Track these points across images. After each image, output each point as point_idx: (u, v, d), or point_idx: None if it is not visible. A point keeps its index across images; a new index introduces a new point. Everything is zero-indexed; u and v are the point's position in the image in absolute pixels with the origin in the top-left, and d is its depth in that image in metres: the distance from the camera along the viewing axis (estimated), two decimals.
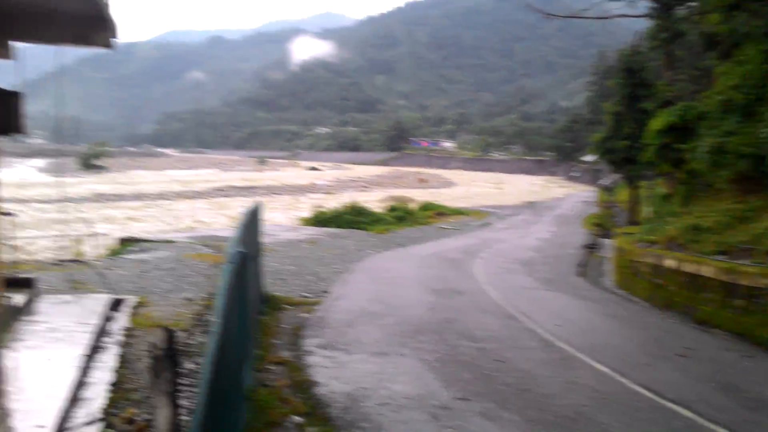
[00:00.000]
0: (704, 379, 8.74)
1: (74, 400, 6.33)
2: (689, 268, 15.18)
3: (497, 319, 12.13)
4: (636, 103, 38.45)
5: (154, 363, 2.86)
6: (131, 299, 11.63)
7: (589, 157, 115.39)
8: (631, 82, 38.24)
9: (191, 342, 8.97)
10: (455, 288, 15.90)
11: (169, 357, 2.88)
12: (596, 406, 7.28)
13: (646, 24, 46.94)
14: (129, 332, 9.21)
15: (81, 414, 6.04)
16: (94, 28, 9.74)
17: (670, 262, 16.22)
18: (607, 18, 43.09)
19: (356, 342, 9.69)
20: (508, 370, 8.59)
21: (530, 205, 61.99)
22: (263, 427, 6.22)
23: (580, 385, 8.05)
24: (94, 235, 21.65)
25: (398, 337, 10.16)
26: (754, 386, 8.54)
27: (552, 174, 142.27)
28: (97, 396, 6.47)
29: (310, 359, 8.73)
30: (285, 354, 9.01)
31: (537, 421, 6.77)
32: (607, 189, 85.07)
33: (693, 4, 36.05)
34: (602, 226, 41.64)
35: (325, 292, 14.60)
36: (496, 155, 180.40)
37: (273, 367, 8.35)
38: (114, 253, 20.77)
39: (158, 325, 9.47)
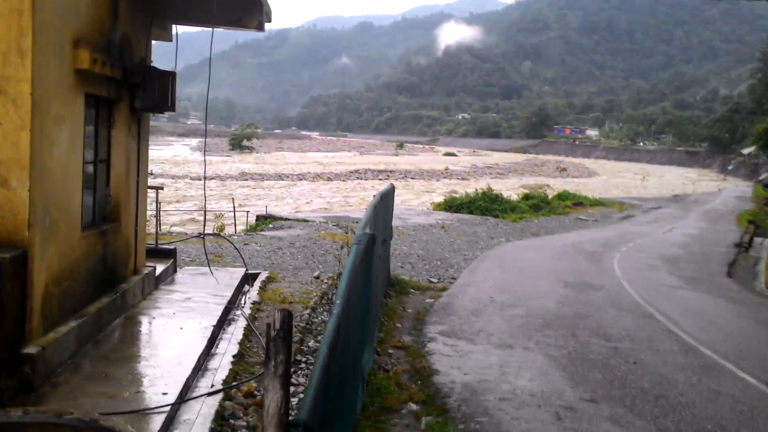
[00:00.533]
0: None
1: (199, 369, 6.56)
2: None
3: (634, 318, 11.40)
4: None
5: (268, 344, 2.80)
6: (263, 274, 12.01)
7: (747, 150, 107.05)
8: None
9: (315, 320, 9.11)
10: (590, 282, 15.16)
11: (284, 339, 2.81)
12: (740, 420, 6.60)
13: None
14: (258, 306, 9.48)
15: (204, 384, 6.24)
16: (248, 11, 10.12)
17: None
18: None
19: (481, 332, 9.43)
20: (644, 373, 8.00)
21: (678, 199, 58.45)
22: (379, 412, 6.14)
23: (723, 396, 7.35)
24: (235, 211, 22.72)
25: (525, 329, 9.79)
26: None
27: (705, 166, 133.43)
28: (222, 367, 6.68)
29: (432, 346, 8.58)
30: (407, 339, 8.93)
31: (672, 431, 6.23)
32: (766, 185, 78.61)
33: None
34: (757, 224, 38.46)
35: (453, 278, 14.42)
36: (644, 145, 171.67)
37: (393, 351, 8.30)
38: (251, 229, 21.69)
39: (284, 302, 9.73)
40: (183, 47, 10.70)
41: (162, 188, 13.17)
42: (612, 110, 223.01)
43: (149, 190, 10.67)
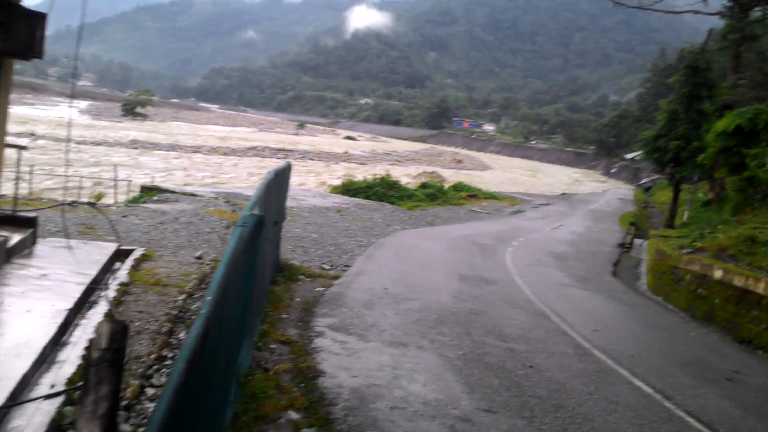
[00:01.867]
0: (759, 413, 7.67)
1: (43, 362, 5.52)
2: (739, 281, 13.97)
3: (529, 316, 11.12)
4: (695, 103, 36.66)
5: (87, 370, 1.94)
6: (138, 251, 10.85)
7: (630, 155, 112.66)
8: (694, 81, 36.34)
9: (191, 307, 8.17)
10: (485, 276, 14.89)
11: (112, 363, 1.96)
12: None
13: (715, 23, 45.00)
14: (126, 288, 8.41)
15: (47, 381, 5.22)
16: None
17: (718, 273, 15.00)
18: (677, 13, 41.26)
19: (373, 327, 8.77)
20: (541, 379, 7.60)
21: (566, 197, 60.51)
22: (252, 422, 5.32)
23: (621, 407, 7.05)
24: (116, 180, 21.02)
25: (420, 326, 9.23)
26: None
27: (591, 168, 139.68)
28: (70, 361, 5.65)
29: (320, 342, 7.82)
30: (292, 332, 8.13)
31: None
32: (646, 188, 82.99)
33: None
34: (637, 226, 40.18)
35: (347, 265, 13.71)
36: (536, 143, 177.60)
37: (277, 347, 7.48)
38: (133, 200, 20.13)
39: (158, 283, 8.69)
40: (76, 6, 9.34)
41: (26, 148, 11.64)
42: (509, 107, 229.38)
43: (10, 149, 9.32)
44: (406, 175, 56.03)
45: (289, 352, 7.36)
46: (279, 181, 9.83)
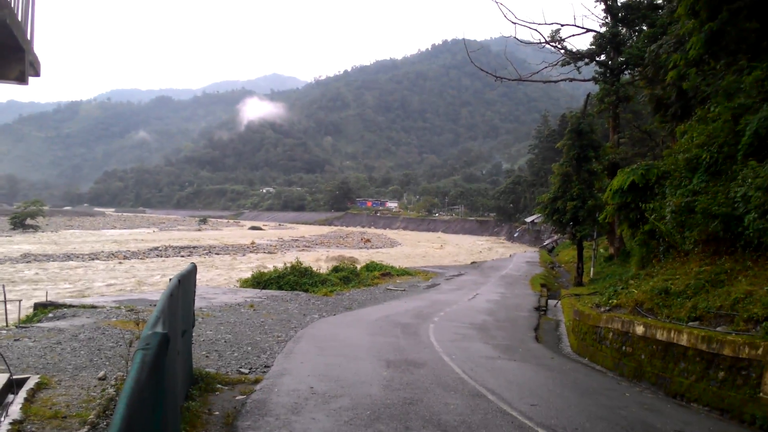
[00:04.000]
0: None
1: None
2: (662, 335, 14.07)
3: (464, 399, 10.62)
4: (584, 164, 38.41)
5: None
6: (32, 380, 9.70)
7: (530, 218, 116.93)
8: (580, 144, 38.25)
9: None
10: (412, 359, 14.35)
11: None
12: None
13: (590, 87, 47.89)
14: (19, 427, 7.34)
15: None
16: (8, 58, 8.22)
17: (640, 329, 15.10)
18: (554, 81, 43.63)
19: None
20: None
21: (476, 266, 61.37)
22: None
23: None
24: (4, 300, 19.33)
25: (353, 426, 8.51)
26: None
27: (494, 234, 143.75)
28: None
29: None
30: None
31: None
32: (549, 249, 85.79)
33: (638, 69, 36.67)
34: (548, 288, 40.99)
35: (267, 366, 12.82)
36: (439, 215, 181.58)
37: None
38: (26, 320, 18.49)
39: (57, 416, 7.68)
40: None
41: None
42: (409, 183, 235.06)
43: None
44: (316, 260, 55.34)
45: None
46: (184, 287, 9.08)
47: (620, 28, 42.50)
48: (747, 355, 11.30)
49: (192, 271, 10.64)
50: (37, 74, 8.22)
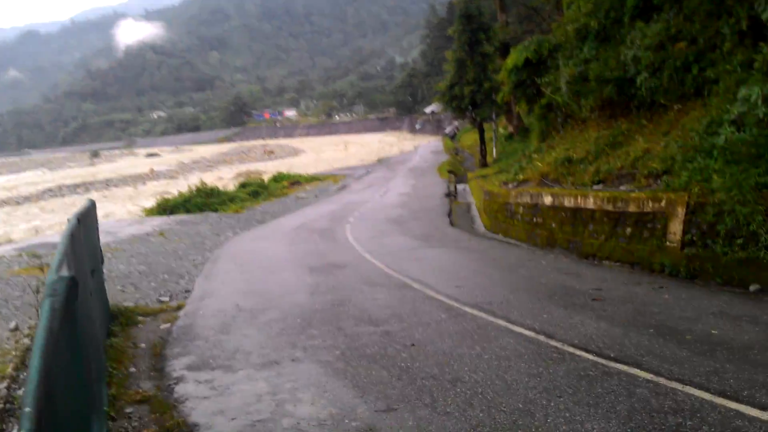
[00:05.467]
0: (637, 326, 7.80)
1: None
2: (569, 202, 14.58)
3: (391, 292, 10.73)
4: (477, 48, 38.40)
5: None
6: None
7: (429, 108, 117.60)
8: (470, 28, 38.07)
9: (19, 392, 6.80)
10: (334, 261, 14.35)
11: None
12: (547, 389, 6.02)
13: None
14: None
15: None
16: None
17: (548, 199, 15.59)
18: None
19: (237, 352, 7.84)
20: (426, 355, 7.16)
21: (382, 162, 61.65)
22: None
23: (513, 360, 6.78)
24: None
25: (286, 336, 8.44)
26: (690, 324, 7.71)
27: (397, 129, 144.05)
28: None
29: (182, 388, 6.78)
30: (147, 386, 7.02)
31: (488, 425, 5.37)
32: (452, 136, 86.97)
33: None
34: (455, 173, 41.78)
35: (187, 291, 12.50)
36: (340, 118, 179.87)
37: (134, 409, 6.37)
38: None
39: None
40: None
41: None
42: (305, 90, 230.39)
43: None
44: (222, 179, 54.05)
45: (149, 411, 6.30)
46: (85, 225, 8.51)
47: None
48: (651, 208, 11.87)
49: (91, 208, 10.00)
50: None
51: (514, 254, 14.78)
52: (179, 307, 10.84)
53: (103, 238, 22.96)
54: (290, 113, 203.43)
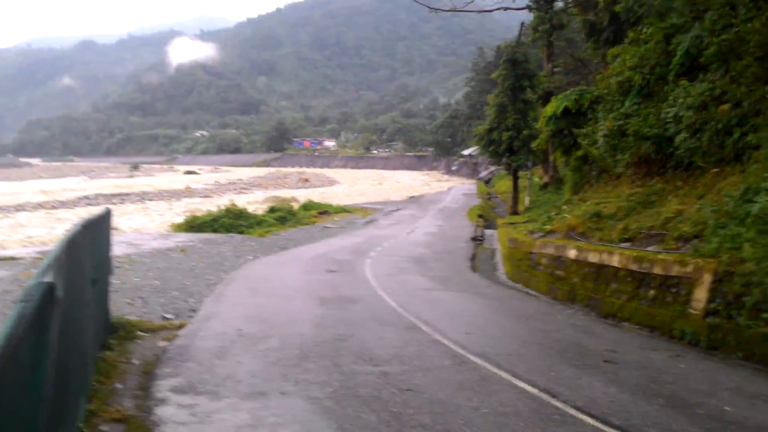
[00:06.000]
0: (646, 394, 7.35)
1: None
2: (594, 257, 14.12)
3: (398, 332, 10.40)
4: (519, 94, 38.29)
5: None
6: None
7: (467, 151, 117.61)
8: (515, 74, 38.00)
9: None
10: (346, 295, 14.07)
11: None
12: None
13: (524, 16, 47.36)
14: None
15: None
16: None
17: (572, 252, 15.15)
18: (488, 11, 42.90)
19: (227, 379, 7.57)
20: (421, 403, 6.81)
21: (414, 200, 61.52)
22: None
23: (511, 417, 6.40)
24: None
25: (281, 366, 8.16)
26: (703, 398, 7.24)
27: (433, 169, 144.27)
28: None
29: (162, 411, 6.53)
30: (129, 405, 6.78)
31: None
32: (486, 181, 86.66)
33: None
34: (485, 218, 41.37)
35: (193, 310, 12.31)
36: (378, 152, 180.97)
37: (109, 429, 6.14)
38: None
39: None
40: None
41: None
42: (347, 121, 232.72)
43: None
44: (253, 202, 54.34)
45: (125, 430, 6.06)
46: (94, 233, 8.40)
47: None
48: (677, 272, 11.39)
49: (105, 216, 9.92)
50: None
51: (532, 306, 14.34)
52: (181, 326, 10.63)
53: (126, 250, 23.14)
54: (330, 143, 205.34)
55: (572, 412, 6.63)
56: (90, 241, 7.85)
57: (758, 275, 9.29)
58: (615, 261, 13.25)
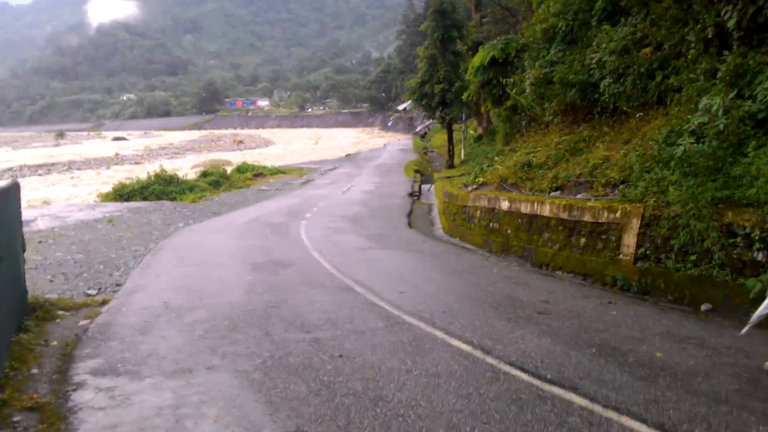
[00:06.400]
0: (579, 344, 7.38)
1: None
2: (526, 208, 14.20)
3: (331, 295, 10.19)
4: (449, 45, 38.01)
5: None
6: None
7: (402, 106, 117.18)
8: (443, 24, 37.65)
9: None
10: (280, 259, 13.76)
11: None
12: (473, 413, 5.54)
13: None
14: None
15: None
16: None
17: (505, 204, 15.20)
18: None
19: (150, 356, 7.22)
20: (353, 369, 6.65)
21: (350, 158, 61.12)
22: None
23: (443, 378, 6.30)
24: None
25: (208, 339, 7.85)
26: (634, 345, 7.32)
27: (369, 125, 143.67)
28: None
29: (79, 396, 6.15)
30: (44, 391, 6.38)
31: None
32: (422, 135, 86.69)
33: None
34: (422, 173, 41.41)
35: (118, 284, 11.80)
36: (312, 111, 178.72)
37: (22, 418, 5.75)
38: None
39: None
40: None
41: None
42: (278, 80, 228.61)
43: None
44: (186, 167, 52.89)
45: (37, 421, 5.68)
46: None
47: None
48: (606, 219, 11.50)
49: (10, 189, 9.26)
50: None
51: (467, 260, 14.35)
52: (104, 302, 10.16)
53: (50, 223, 22.15)
54: (263, 103, 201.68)
55: (506, 368, 6.58)
56: None
57: (684, 218, 9.43)
58: (546, 210, 13.32)
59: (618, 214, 11.16)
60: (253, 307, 9.41)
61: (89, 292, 11.25)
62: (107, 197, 32.86)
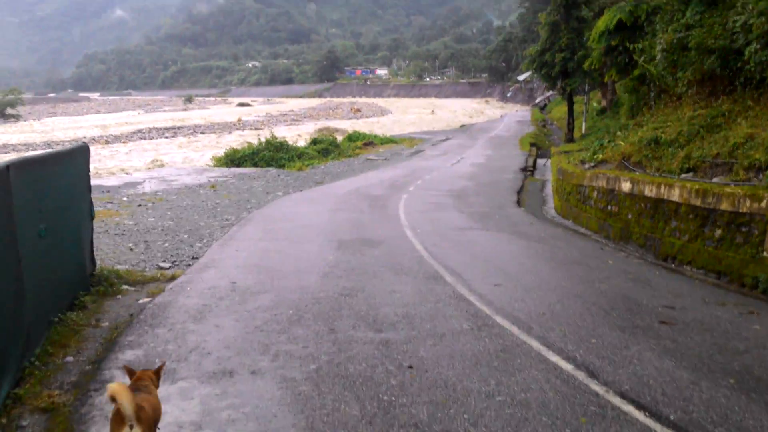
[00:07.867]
0: (713, 370, 5.82)
1: None
2: (651, 191, 12.32)
3: (417, 283, 9.01)
4: (573, 11, 35.37)
5: None
6: None
7: (522, 77, 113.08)
8: None
9: None
10: (369, 237, 12.70)
11: None
12: None
13: None
14: None
15: None
16: None
17: (626, 185, 13.35)
18: None
19: (194, 351, 6.33)
20: (421, 386, 5.44)
21: (465, 129, 59.28)
22: None
23: (534, 410, 4.97)
24: None
25: (264, 333, 6.87)
26: None
27: (487, 95, 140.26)
28: None
29: (98, 400, 5.30)
30: (67, 386, 5.60)
31: None
32: (542, 107, 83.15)
33: None
34: (538, 146, 39.20)
35: (195, 257, 11.14)
36: (430, 80, 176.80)
37: (31, 420, 4.98)
38: None
39: None
40: None
41: None
42: (398, 48, 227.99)
43: None
44: (303, 134, 53.08)
45: (44, 428, 4.89)
46: (51, 175, 7.17)
47: None
48: (748, 209, 9.63)
49: (75, 152, 8.64)
50: None
51: (579, 247, 12.71)
52: (173, 278, 9.47)
53: (156, 186, 22.27)
54: (382, 72, 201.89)
55: (615, 400, 5.17)
56: (28, 185, 6.45)
57: None
58: (675, 195, 11.45)
59: (764, 204, 9.29)
60: (325, 294, 8.39)
61: (162, 264, 10.65)
62: (219, 162, 33.19)
